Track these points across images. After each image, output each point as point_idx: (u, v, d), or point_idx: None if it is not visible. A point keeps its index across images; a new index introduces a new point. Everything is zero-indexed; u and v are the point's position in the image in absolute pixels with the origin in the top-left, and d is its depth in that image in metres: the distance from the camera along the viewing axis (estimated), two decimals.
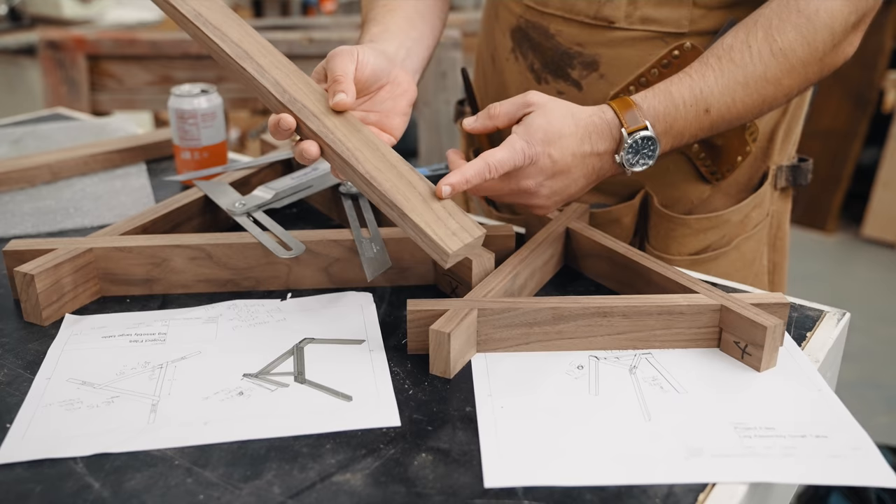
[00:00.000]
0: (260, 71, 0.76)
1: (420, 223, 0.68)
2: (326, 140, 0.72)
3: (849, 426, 0.62)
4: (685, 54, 0.85)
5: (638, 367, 0.70)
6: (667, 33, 0.86)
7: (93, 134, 1.27)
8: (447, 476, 0.57)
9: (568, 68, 0.91)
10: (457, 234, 0.68)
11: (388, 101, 0.80)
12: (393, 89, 0.81)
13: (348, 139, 0.72)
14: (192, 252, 0.79)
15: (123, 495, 0.54)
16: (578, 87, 0.91)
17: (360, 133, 0.74)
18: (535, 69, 0.94)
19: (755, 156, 0.95)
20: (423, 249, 0.69)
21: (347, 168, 0.72)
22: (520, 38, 0.95)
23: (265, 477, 0.56)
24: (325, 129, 0.72)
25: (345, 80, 0.75)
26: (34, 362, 0.69)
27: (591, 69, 0.89)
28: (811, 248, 3.27)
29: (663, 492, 0.55)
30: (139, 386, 0.66)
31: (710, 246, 0.96)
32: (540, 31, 0.92)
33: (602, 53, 0.88)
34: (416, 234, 0.69)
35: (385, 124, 0.79)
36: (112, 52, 2.09)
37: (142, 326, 0.74)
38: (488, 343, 0.71)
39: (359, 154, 0.71)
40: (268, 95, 0.75)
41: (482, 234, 0.69)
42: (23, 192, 1.04)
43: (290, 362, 0.70)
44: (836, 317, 0.78)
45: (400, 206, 0.68)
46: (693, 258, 0.96)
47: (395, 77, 0.81)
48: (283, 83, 0.75)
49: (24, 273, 0.73)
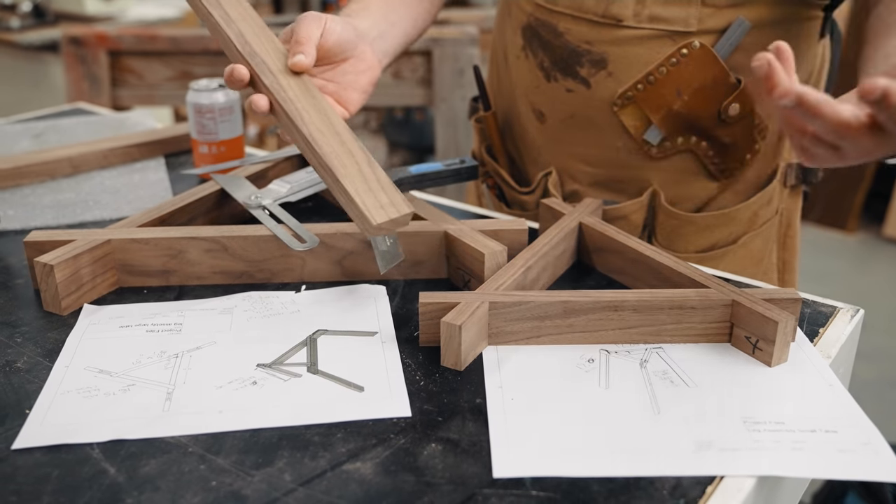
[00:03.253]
0: (226, 20, 0.77)
1: (350, 190, 0.69)
2: (277, 97, 0.74)
3: (859, 421, 0.62)
4: (693, 53, 0.85)
5: (648, 361, 0.70)
6: (675, 32, 0.86)
7: (112, 128, 1.29)
8: (456, 466, 0.57)
9: (577, 66, 0.91)
10: (384, 207, 0.70)
11: (349, 75, 0.82)
12: (356, 64, 0.82)
13: (299, 99, 0.75)
14: (208, 244, 0.80)
15: (138, 480, 0.55)
16: (587, 85, 0.91)
17: (312, 97, 0.76)
18: (545, 67, 0.94)
19: (764, 153, 0.95)
20: (350, 215, 0.71)
21: (292, 127, 0.74)
22: (530, 36, 0.95)
23: (277, 464, 0.57)
24: (277, 87, 0.75)
25: (307, 42, 0.77)
26: (53, 350, 0.70)
27: (599, 67, 0.90)
28: (832, 248, 3.25)
29: (671, 484, 0.56)
30: (155, 374, 0.67)
31: (717, 243, 0.96)
32: (549, 29, 0.92)
33: (610, 52, 0.89)
34: (346, 202, 0.71)
35: (342, 96, 0.81)
36: (133, 48, 2.12)
37: (158, 317, 0.76)
38: (499, 336, 0.71)
39: (305, 115, 0.73)
40: (229, 44, 0.77)
41: (410, 211, 0.71)
42: (43, 185, 1.06)
43: (304, 353, 0.70)
44: (849, 313, 0.77)
45: (334, 171, 0.70)
46: (700, 255, 0.96)
47: (361, 52, 0.82)
48: (248, 36, 0.77)
49: (44, 263, 0.74)
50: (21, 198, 1.02)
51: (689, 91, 0.87)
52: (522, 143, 1.03)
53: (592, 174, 0.97)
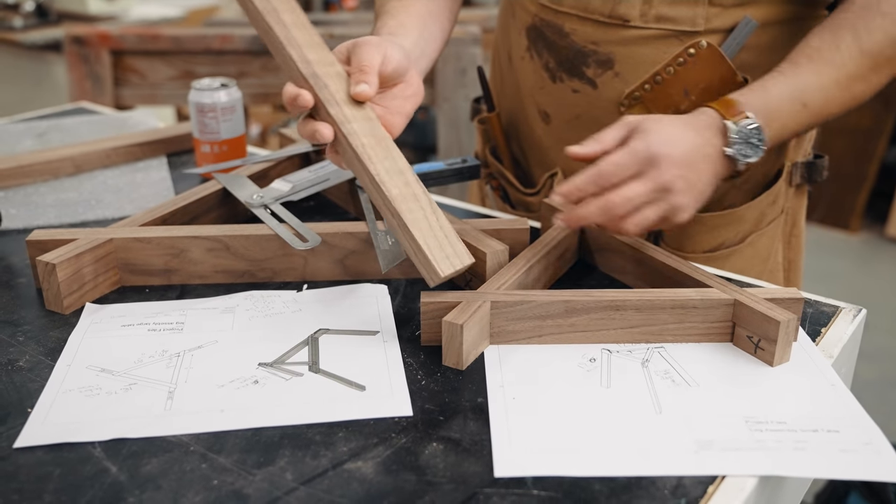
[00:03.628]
0: (289, 38, 0.73)
1: (419, 239, 0.68)
2: (343, 129, 0.71)
3: (861, 421, 0.62)
4: (700, 52, 0.85)
5: (650, 361, 0.70)
6: (682, 32, 0.85)
7: (115, 128, 1.29)
8: (457, 465, 0.57)
9: (583, 67, 0.91)
10: (450, 258, 0.69)
11: (397, 100, 0.78)
12: (405, 89, 0.79)
13: (365, 134, 0.72)
14: (210, 243, 0.81)
15: (139, 479, 0.55)
16: (593, 86, 0.91)
17: (374, 129, 0.73)
18: (550, 68, 0.94)
19: (770, 152, 0.94)
20: (412, 260, 0.69)
21: (356, 162, 0.71)
22: (535, 37, 0.95)
23: (278, 463, 0.57)
24: (342, 118, 0.72)
25: (371, 70, 0.74)
26: (55, 349, 0.71)
27: (605, 67, 0.89)
28: (834, 248, 3.24)
29: (672, 484, 0.56)
30: (157, 373, 0.67)
31: (724, 243, 0.96)
32: (555, 29, 0.92)
33: (617, 52, 0.88)
34: (411, 247, 0.69)
35: (387, 121, 0.77)
36: (135, 48, 2.12)
37: (160, 316, 0.76)
38: (501, 335, 0.71)
39: (371, 152, 0.71)
40: (290, 64, 0.73)
41: (471, 262, 0.70)
42: (46, 185, 1.06)
43: (305, 352, 0.71)
44: (851, 313, 0.77)
45: (403, 217, 0.69)
46: (707, 255, 0.96)
47: (410, 77, 0.79)
48: (310, 56, 0.73)
49: (46, 262, 0.74)
50: (24, 197, 1.02)
51: (696, 91, 0.87)
52: (527, 144, 1.03)
53: None
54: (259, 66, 2.17)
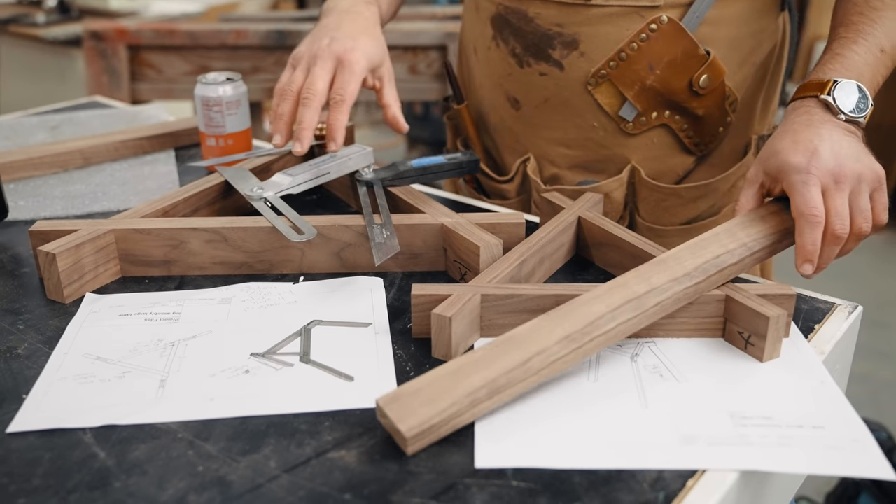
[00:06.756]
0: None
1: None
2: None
3: (848, 418, 0.61)
4: (662, 27, 0.88)
5: (640, 356, 0.70)
6: (642, 7, 0.88)
7: (127, 121, 1.31)
8: (439, 455, 0.58)
9: (549, 49, 0.93)
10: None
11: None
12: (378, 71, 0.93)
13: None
14: (209, 235, 0.82)
15: (126, 465, 0.57)
16: (560, 67, 0.93)
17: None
18: (517, 53, 0.96)
19: (736, 126, 0.98)
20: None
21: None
22: (500, 25, 0.97)
23: (263, 451, 0.58)
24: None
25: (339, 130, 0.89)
26: (54, 338, 0.72)
27: (571, 48, 0.92)
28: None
29: (652, 477, 0.56)
30: (150, 362, 0.68)
31: (701, 215, 0.99)
32: (519, 15, 0.94)
33: (581, 32, 0.91)
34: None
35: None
36: (152, 43, 2.14)
37: (157, 306, 0.77)
38: (492, 329, 0.72)
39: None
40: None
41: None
42: (56, 177, 1.08)
43: (297, 343, 0.71)
44: (847, 310, 0.77)
45: None
46: (684, 227, 0.99)
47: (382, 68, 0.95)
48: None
49: (47, 252, 0.76)
50: (33, 188, 1.04)
51: (660, 65, 0.90)
52: (497, 132, 1.05)
53: (571, 156, 0.99)
54: (273, 61, 2.19)
